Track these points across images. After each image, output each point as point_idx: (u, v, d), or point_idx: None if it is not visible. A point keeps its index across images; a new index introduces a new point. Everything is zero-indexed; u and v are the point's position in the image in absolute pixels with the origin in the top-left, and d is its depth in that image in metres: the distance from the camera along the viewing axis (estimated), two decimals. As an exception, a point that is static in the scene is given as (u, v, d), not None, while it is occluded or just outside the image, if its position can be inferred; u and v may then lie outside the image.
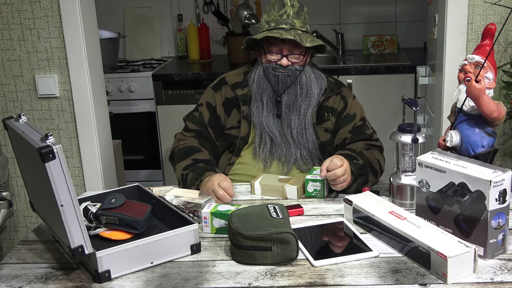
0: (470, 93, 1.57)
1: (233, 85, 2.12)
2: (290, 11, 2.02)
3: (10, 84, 2.62)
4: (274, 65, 2.03)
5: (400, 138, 1.71)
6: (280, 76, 2.02)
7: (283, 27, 2.00)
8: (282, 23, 2.01)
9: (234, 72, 2.18)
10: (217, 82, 2.17)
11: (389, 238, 1.49)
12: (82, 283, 1.40)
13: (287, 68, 2.02)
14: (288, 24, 2.00)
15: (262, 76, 2.05)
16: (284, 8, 2.02)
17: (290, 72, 2.02)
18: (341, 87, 2.12)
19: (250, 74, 2.09)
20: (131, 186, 1.79)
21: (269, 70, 2.03)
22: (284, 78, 2.02)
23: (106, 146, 2.75)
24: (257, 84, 2.05)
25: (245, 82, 2.11)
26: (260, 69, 2.06)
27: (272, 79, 2.03)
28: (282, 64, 2.02)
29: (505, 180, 1.36)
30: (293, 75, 2.03)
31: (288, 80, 2.03)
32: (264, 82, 2.04)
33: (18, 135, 1.41)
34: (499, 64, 2.35)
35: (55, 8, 2.49)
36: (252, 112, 2.06)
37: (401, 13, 4.11)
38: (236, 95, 2.10)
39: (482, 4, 2.37)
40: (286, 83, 2.03)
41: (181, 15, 4.18)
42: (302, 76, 2.04)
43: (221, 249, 1.53)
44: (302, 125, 2.03)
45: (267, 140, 2.04)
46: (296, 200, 1.84)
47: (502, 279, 1.33)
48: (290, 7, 2.02)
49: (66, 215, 1.30)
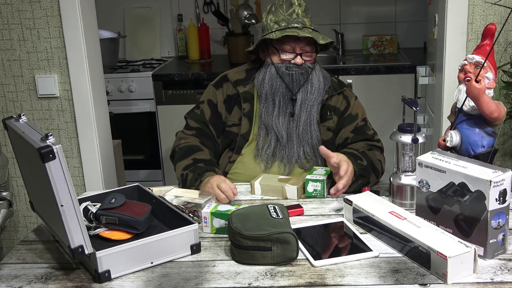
0: (470, 93, 1.57)
1: (235, 82, 2.12)
2: (298, 10, 2.03)
3: (10, 84, 2.62)
4: (288, 64, 2.04)
5: (400, 138, 1.71)
6: (294, 75, 2.03)
7: (296, 26, 2.01)
8: (293, 22, 2.02)
9: (236, 70, 2.18)
10: (218, 79, 2.17)
11: (389, 238, 1.49)
12: (82, 283, 1.40)
13: (301, 66, 2.04)
14: (300, 23, 2.02)
15: (275, 75, 2.04)
16: (292, 7, 2.03)
17: (303, 70, 2.04)
18: (343, 87, 2.14)
19: (258, 75, 2.09)
20: (131, 186, 1.79)
21: (282, 69, 2.04)
22: (298, 77, 2.03)
23: (106, 146, 2.75)
24: (269, 84, 2.04)
25: (249, 80, 2.11)
26: (272, 68, 2.05)
27: (286, 78, 2.03)
28: (296, 63, 2.03)
29: (505, 180, 1.36)
30: (306, 73, 2.04)
31: (302, 78, 2.04)
32: (277, 82, 2.04)
33: (18, 135, 1.41)
34: (499, 64, 2.35)
35: (55, 8, 2.49)
36: (260, 112, 2.06)
37: (401, 13, 4.11)
38: (238, 92, 2.10)
39: (482, 4, 2.37)
40: (300, 82, 2.04)
41: (181, 15, 4.18)
42: (313, 73, 2.05)
43: (221, 249, 1.53)
44: (307, 121, 2.04)
45: (272, 141, 2.04)
46: (296, 200, 1.84)
47: (502, 279, 1.33)
48: (298, 6, 2.04)
49: (66, 215, 1.30)
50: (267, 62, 2.08)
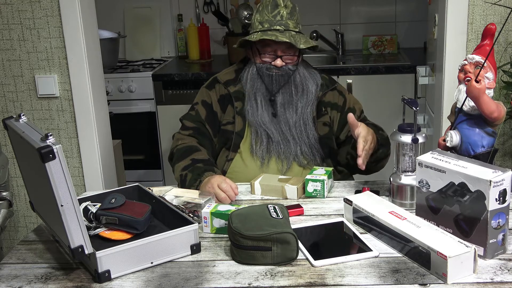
0: (470, 93, 1.57)
1: (225, 83, 2.14)
2: (284, 11, 2.03)
3: (10, 84, 2.62)
4: (268, 65, 2.06)
5: (400, 138, 1.71)
6: (274, 76, 2.05)
7: (278, 29, 2.01)
8: (276, 24, 2.02)
9: (225, 71, 2.21)
10: (210, 81, 2.20)
11: (389, 238, 1.49)
12: (82, 283, 1.40)
13: (281, 68, 2.05)
14: (282, 25, 2.02)
15: (255, 75, 2.07)
16: (278, 8, 2.03)
17: (283, 72, 2.05)
18: (334, 83, 2.18)
19: (243, 73, 2.12)
20: (131, 186, 1.79)
21: (262, 70, 2.06)
22: (277, 78, 2.05)
23: (106, 146, 2.75)
24: (250, 83, 2.08)
25: (237, 79, 2.13)
26: (253, 68, 2.08)
27: (266, 79, 2.06)
28: (276, 65, 2.05)
29: (505, 180, 1.36)
30: (287, 75, 2.06)
31: (282, 79, 2.05)
32: (257, 82, 2.07)
33: (18, 135, 1.41)
34: (499, 64, 2.35)
35: (55, 8, 2.49)
36: (246, 110, 2.08)
37: (401, 13, 4.11)
38: (229, 92, 2.12)
39: (482, 4, 2.37)
40: (279, 83, 2.06)
41: (181, 15, 4.18)
42: (296, 75, 2.07)
43: (221, 249, 1.53)
44: (300, 122, 2.05)
45: (263, 137, 2.06)
46: (296, 200, 1.84)
47: (502, 279, 1.33)
48: (284, 7, 2.04)
49: (66, 215, 1.30)
50: (251, 61, 2.11)
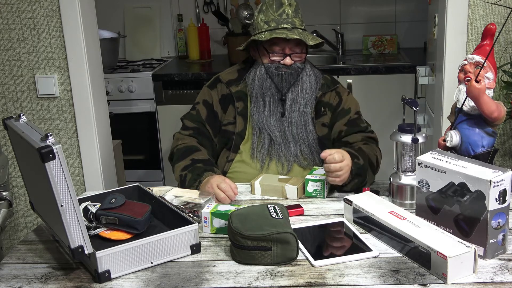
0: (470, 93, 1.57)
1: (227, 82, 2.13)
2: (289, 10, 2.03)
3: (10, 84, 2.62)
4: (277, 64, 2.04)
5: (400, 138, 1.71)
6: (284, 75, 2.04)
7: (285, 27, 2.01)
8: (283, 22, 2.01)
9: (228, 71, 2.20)
10: (212, 80, 2.19)
11: (389, 238, 1.49)
12: (82, 283, 1.40)
13: (291, 67, 2.04)
14: (289, 23, 2.01)
15: (264, 75, 2.05)
16: (282, 7, 2.03)
17: (293, 70, 2.04)
18: (336, 84, 2.16)
19: (248, 74, 2.10)
20: (131, 186, 1.79)
21: (272, 70, 2.04)
22: (287, 77, 2.04)
23: (106, 146, 2.75)
24: (259, 84, 2.05)
25: (241, 79, 2.12)
26: (262, 68, 2.06)
27: (275, 79, 2.04)
28: (286, 63, 2.04)
29: (505, 180, 1.36)
30: (296, 73, 2.05)
31: (291, 78, 2.04)
32: (267, 82, 2.05)
33: (18, 135, 1.41)
34: (499, 64, 2.35)
35: (55, 8, 2.49)
36: (252, 112, 2.07)
37: (401, 13, 4.10)
38: (231, 92, 2.11)
39: (482, 4, 2.37)
40: (289, 82, 2.04)
41: (181, 15, 4.18)
42: (304, 73, 2.06)
43: (221, 249, 1.53)
44: (301, 120, 2.05)
45: (266, 140, 2.05)
46: (296, 200, 1.84)
47: (502, 279, 1.33)
48: (288, 6, 2.03)
49: (66, 215, 1.30)
50: (258, 62, 2.09)
